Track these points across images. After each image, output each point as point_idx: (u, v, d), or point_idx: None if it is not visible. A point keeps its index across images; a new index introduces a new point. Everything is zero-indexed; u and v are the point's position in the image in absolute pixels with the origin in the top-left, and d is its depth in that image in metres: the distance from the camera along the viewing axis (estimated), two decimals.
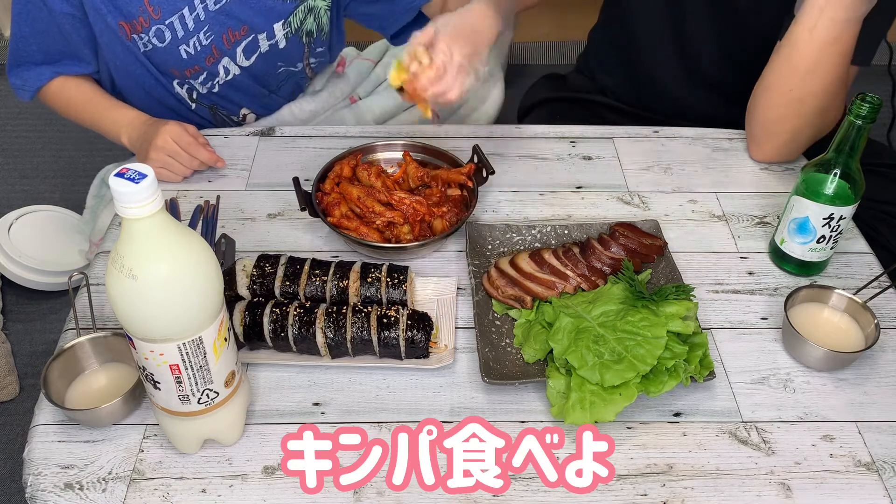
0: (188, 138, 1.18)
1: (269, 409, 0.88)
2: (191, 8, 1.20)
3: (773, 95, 1.16)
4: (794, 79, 1.12)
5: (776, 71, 1.14)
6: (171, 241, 0.68)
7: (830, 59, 1.09)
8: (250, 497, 0.80)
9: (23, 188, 2.33)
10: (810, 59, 1.09)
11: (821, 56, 1.09)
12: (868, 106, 0.91)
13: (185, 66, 1.27)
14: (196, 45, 1.24)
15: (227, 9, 1.22)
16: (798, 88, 1.12)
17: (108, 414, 0.84)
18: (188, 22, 1.21)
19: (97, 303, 0.99)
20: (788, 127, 1.18)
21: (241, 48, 1.28)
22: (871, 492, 0.82)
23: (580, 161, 1.26)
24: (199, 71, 1.29)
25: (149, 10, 1.18)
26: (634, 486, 0.81)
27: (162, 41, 1.22)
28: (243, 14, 1.24)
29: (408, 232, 1.06)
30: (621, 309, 0.91)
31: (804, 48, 1.09)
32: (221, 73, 1.31)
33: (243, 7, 1.23)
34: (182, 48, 1.24)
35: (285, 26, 1.28)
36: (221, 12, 1.22)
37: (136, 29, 1.20)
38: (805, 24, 1.08)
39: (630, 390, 0.84)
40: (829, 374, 0.93)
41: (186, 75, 1.29)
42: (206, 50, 1.26)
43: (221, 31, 1.24)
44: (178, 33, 1.22)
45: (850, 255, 1.09)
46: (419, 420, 0.87)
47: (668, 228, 1.13)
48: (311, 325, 0.90)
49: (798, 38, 1.10)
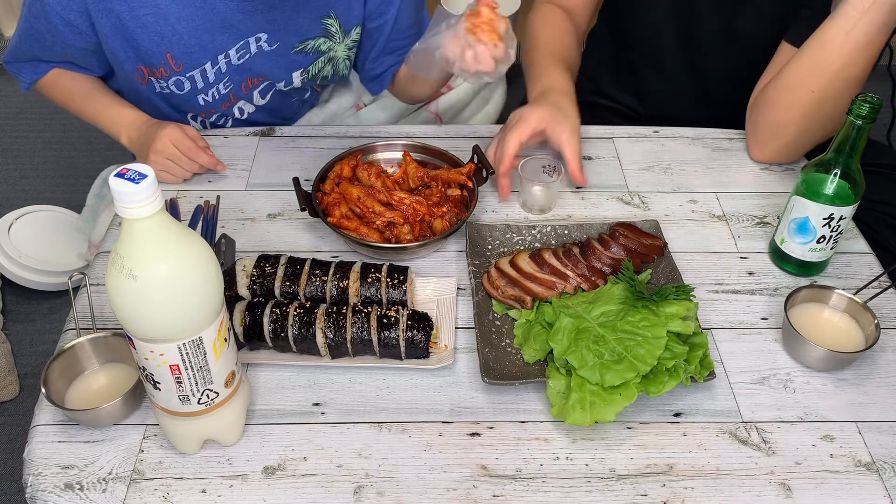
0: (188, 142, 1.17)
1: (269, 410, 0.88)
2: (213, 62, 1.19)
3: (789, 96, 1.14)
4: (820, 80, 1.10)
5: (797, 72, 1.12)
6: (171, 241, 0.68)
7: (860, 63, 1.07)
8: (250, 497, 0.80)
9: (23, 188, 2.34)
10: (841, 60, 1.07)
11: (851, 59, 1.07)
12: (868, 106, 0.91)
13: (200, 109, 1.28)
14: (214, 95, 1.25)
15: (249, 64, 1.22)
16: (819, 90, 1.10)
17: (108, 414, 0.84)
18: (209, 75, 1.21)
19: (97, 303, 0.99)
20: (799, 129, 1.17)
21: (257, 91, 1.29)
22: (871, 492, 0.82)
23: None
24: (214, 113, 1.30)
25: (171, 63, 1.17)
26: (634, 486, 0.81)
27: (181, 90, 1.22)
28: (265, 67, 1.24)
29: (408, 232, 1.06)
30: (621, 309, 0.91)
31: (837, 49, 1.07)
32: (236, 114, 1.32)
33: (266, 61, 1.23)
34: (200, 97, 1.24)
35: (303, 74, 1.28)
36: (243, 66, 1.22)
37: (156, 76, 1.20)
38: (843, 25, 1.06)
39: (630, 390, 0.84)
40: (829, 374, 0.93)
41: (202, 116, 1.31)
42: (224, 97, 1.27)
43: (241, 81, 1.25)
44: (198, 84, 1.22)
45: (850, 255, 1.09)
46: (419, 420, 0.87)
47: (668, 228, 1.13)
48: (311, 326, 0.90)
49: (832, 39, 1.08)
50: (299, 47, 1.23)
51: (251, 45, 1.19)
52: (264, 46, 1.20)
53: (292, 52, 1.23)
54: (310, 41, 1.23)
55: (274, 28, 1.19)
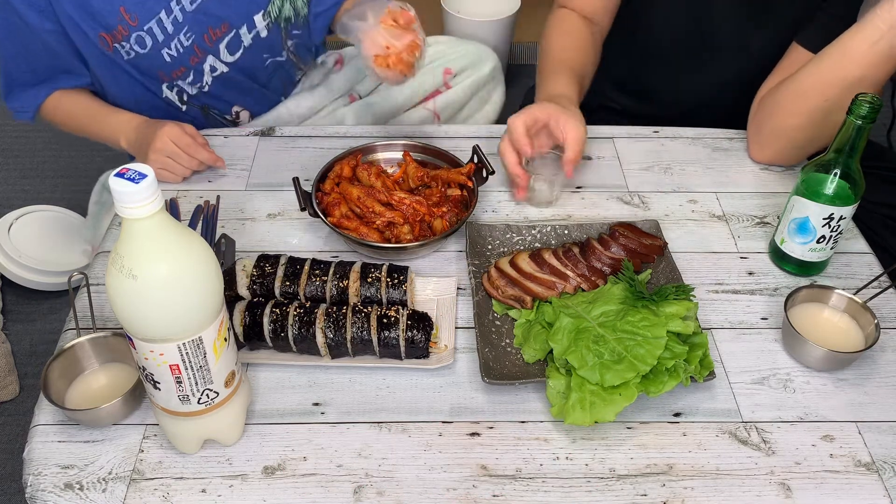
0: (187, 139, 1.18)
1: (269, 409, 0.88)
2: (167, 11, 1.20)
3: (803, 102, 1.13)
4: (836, 89, 1.09)
5: (812, 79, 1.11)
6: (171, 241, 0.68)
7: (880, 76, 1.07)
8: (250, 497, 0.80)
9: (23, 188, 2.34)
10: (861, 72, 1.06)
11: (872, 70, 1.06)
12: (868, 106, 0.91)
13: (170, 68, 1.27)
14: (178, 48, 1.24)
15: (204, 7, 1.22)
16: (835, 99, 1.09)
17: (108, 414, 0.84)
18: (167, 25, 1.21)
19: (97, 303, 0.99)
20: (805, 135, 1.16)
21: (223, 45, 1.28)
22: (871, 492, 0.82)
23: (580, 161, 1.25)
24: (185, 72, 1.29)
25: (126, 18, 1.18)
26: (634, 486, 0.81)
27: (143, 47, 1.22)
28: (221, 11, 1.24)
29: (408, 232, 1.06)
30: (621, 309, 0.91)
31: (859, 60, 1.06)
32: (208, 71, 1.30)
33: (220, 4, 1.23)
34: (164, 51, 1.24)
35: (265, 17, 1.28)
36: (199, 11, 1.22)
37: (117, 38, 1.20)
38: (868, 36, 1.05)
39: (630, 390, 0.84)
40: (829, 374, 0.93)
41: (173, 77, 1.29)
42: (189, 51, 1.26)
43: (202, 31, 1.25)
44: (159, 37, 1.22)
45: (850, 255, 1.09)
46: (419, 420, 0.87)
47: (668, 228, 1.13)
48: (311, 325, 0.90)
49: (854, 50, 1.06)
50: None
51: None
52: None
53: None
54: None
55: None
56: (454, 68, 1.61)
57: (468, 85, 1.62)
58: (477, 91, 1.65)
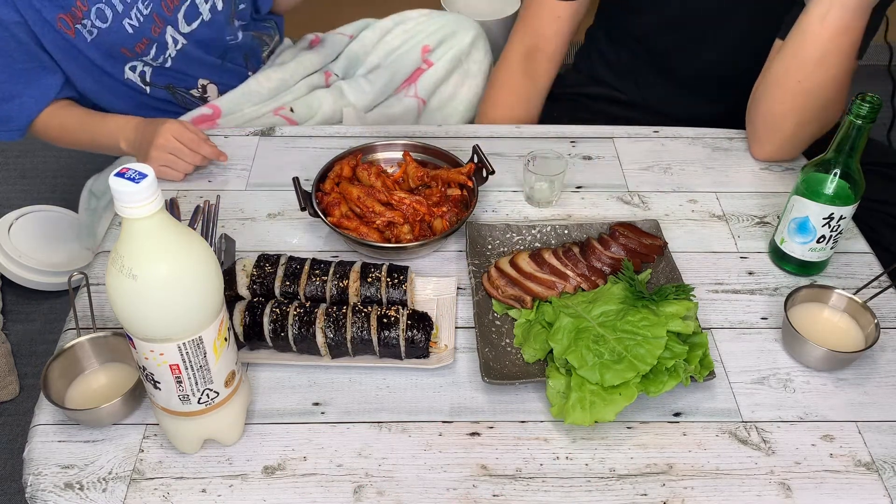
0: (189, 134, 1.18)
1: (269, 409, 0.88)
2: None
3: (779, 89, 1.15)
4: (804, 70, 1.11)
5: (784, 63, 1.14)
6: (171, 241, 0.68)
7: (840, 49, 1.09)
8: (250, 497, 0.80)
9: (23, 188, 2.33)
10: (820, 48, 1.09)
11: (830, 45, 1.08)
12: (868, 106, 0.91)
13: (133, 41, 1.26)
14: (138, 17, 1.24)
15: None
16: (806, 80, 1.12)
17: (109, 414, 0.84)
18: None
19: (97, 303, 0.99)
20: (793, 122, 1.17)
21: (181, 14, 1.28)
22: (871, 492, 0.82)
23: (580, 161, 1.26)
24: (148, 44, 1.28)
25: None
26: (634, 486, 0.81)
27: (104, 21, 1.21)
28: None
29: (408, 232, 1.06)
30: (621, 309, 0.91)
31: (815, 38, 1.09)
32: (170, 43, 1.30)
33: None
34: (125, 22, 1.23)
35: None
36: None
37: (77, 17, 1.19)
38: (816, 12, 1.08)
39: (630, 390, 0.84)
40: (829, 374, 0.93)
41: (137, 52, 1.28)
42: (149, 20, 1.25)
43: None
44: (118, 7, 1.21)
45: (850, 255, 1.09)
46: (419, 420, 0.87)
47: (668, 228, 1.13)
48: (311, 325, 0.90)
49: (809, 28, 1.10)
50: None
51: None
52: None
53: None
54: None
55: None
56: (431, 43, 1.56)
57: (448, 59, 1.56)
58: (459, 64, 1.58)
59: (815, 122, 1.17)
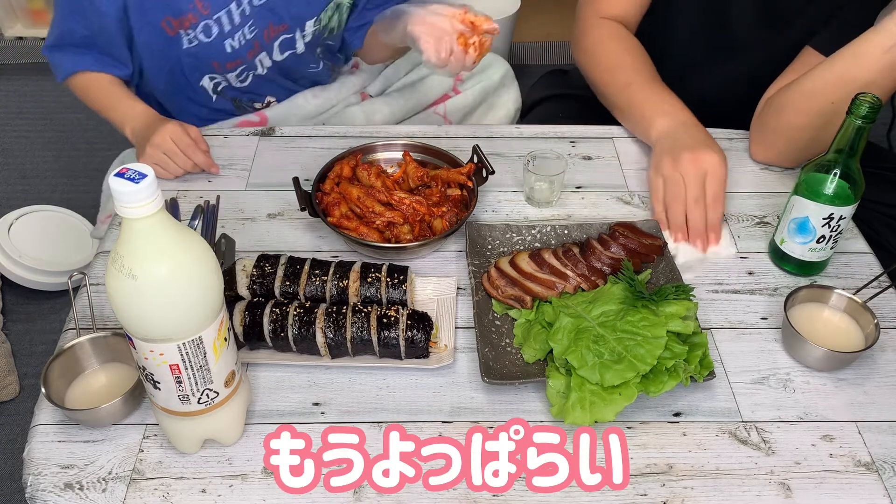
0: (187, 140, 1.18)
1: (269, 409, 0.88)
2: (238, 2, 1.22)
3: (809, 102, 1.13)
4: (843, 92, 1.07)
5: (822, 81, 1.11)
6: (171, 241, 0.68)
7: (888, 82, 1.06)
8: (250, 497, 0.80)
9: (23, 188, 2.34)
10: (871, 76, 1.06)
11: (882, 76, 1.06)
12: (868, 106, 0.91)
13: (227, 59, 1.30)
14: (241, 40, 1.27)
15: (271, 4, 1.25)
16: (841, 102, 1.07)
17: (108, 414, 0.84)
18: (235, 16, 1.23)
19: (97, 303, 0.99)
20: (809, 136, 1.15)
21: (278, 42, 1.31)
22: (871, 492, 0.82)
23: (580, 161, 1.26)
24: (239, 65, 1.32)
25: (198, 5, 1.20)
26: (634, 486, 0.81)
27: (209, 36, 1.24)
28: (284, 10, 1.27)
29: (408, 232, 1.06)
30: (621, 309, 0.91)
31: (870, 65, 1.06)
32: (259, 67, 1.34)
33: (285, 2, 1.26)
34: (227, 42, 1.26)
35: (315, 24, 1.31)
36: (265, 7, 1.25)
37: (184, 25, 1.22)
38: (879, 42, 1.05)
39: (630, 390, 0.84)
40: (829, 374, 0.93)
41: (227, 69, 1.32)
42: (249, 44, 1.29)
43: (264, 26, 1.27)
44: (225, 28, 1.24)
45: (850, 255, 1.09)
46: (419, 420, 0.87)
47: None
48: (311, 325, 0.90)
49: (866, 54, 1.06)
50: None
51: None
52: None
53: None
54: None
55: None
56: (463, 74, 1.62)
57: (477, 91, 1.62)
58: (486, 97, 1.65)
59: (825, 142, 1.15)
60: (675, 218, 1.10)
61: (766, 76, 1.25)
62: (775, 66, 1.25)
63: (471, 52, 1.09)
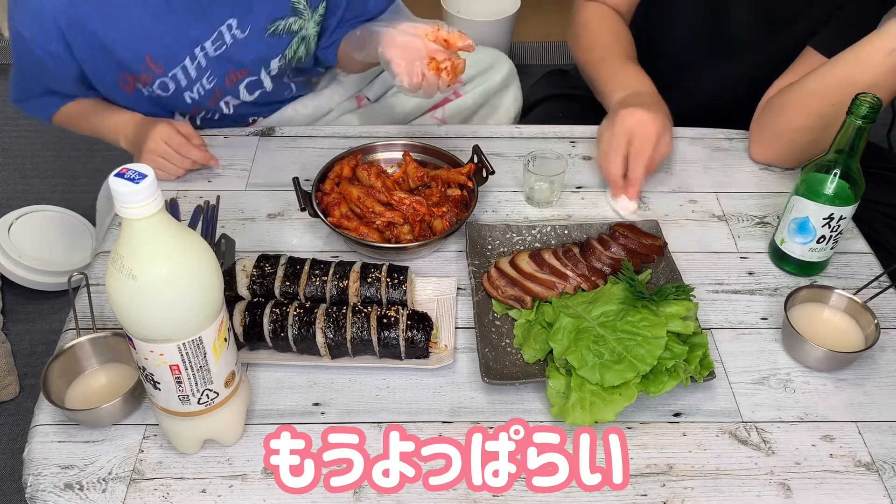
0: (178, 139, 1.18)
1: (269, 410, 0.88)
2: (192, 57, 1.20)
3: (810, 103, 1.13)
4: (844, 94, 1.06)
5: (823, 83, 1.11)
6: (171, 241, 0.68)
7: (891, 85, 1.06)
8: (250, 497, 0.80)
9: (23, 188, 2.33)
10: (872, 79, 1.06)
11: (884, 79, 1.06)
12: (868, 106, 0.91)
13: (189, 108, 1.28)
14: (200, 91, 1.25)
15: (227, 54, 1.22)
16: (842, 104, 1.05)
17: (108, 414, 0.84)
18: (191, 71, 1.21)
19: (97, 303, 0.99)
20: (810, 138, 1.15)
21: (243, 85, 1.29)
22: (871, 492, 0.82)
23: (580, 161, 1.26)
24: (202, 110, 1.31)
25: (151, 65, 1.18)
26: (634, 487, 0.81)
27: (166, 91, 1.22)
28: (242, 56, 1.24)
29: (408, 232, 1.06)
30: (621, 309, 0.91)
31: (872, 68, 1.06)
32: (223, 108, 1.32)
33: (242, 49, 1.22)
34: (186, 94, 1.24)
35: (280, 60, 1.28)
36: (222, 57, 1.22)
37: (141, 81, 1.20)
38: (883, 45, 1.04)
39: (630, 390, 0.84)
40: (829, 374, 0.93)
41: (192, 114, 1.31)
42: (210, 93, 1.27)
43: (223, 74, 1.25)
44: (182, 82, 1.22)
45: (850, 255, 1.09)
46: (419, 420, 0.87)
47: (668, 228, 1.13)
48: (311, 326, 0.90)
49: (867, 57, 1.06)
50: (271, 29, 1.22)
51: (225, 35, 1.19)
52: (237, 34, 1.20)
53: (266, 35, 1.23)
54: (280, 21, 1.22)
55: (242, 12, 1.19)
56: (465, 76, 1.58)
57: (478, 93, 1.60)
58: (487, 100, 1.62)
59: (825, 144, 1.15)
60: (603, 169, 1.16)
61: (765, 77, 1.25)
62: (775, 66, 1.24)
63: (443, 76, 1.05)
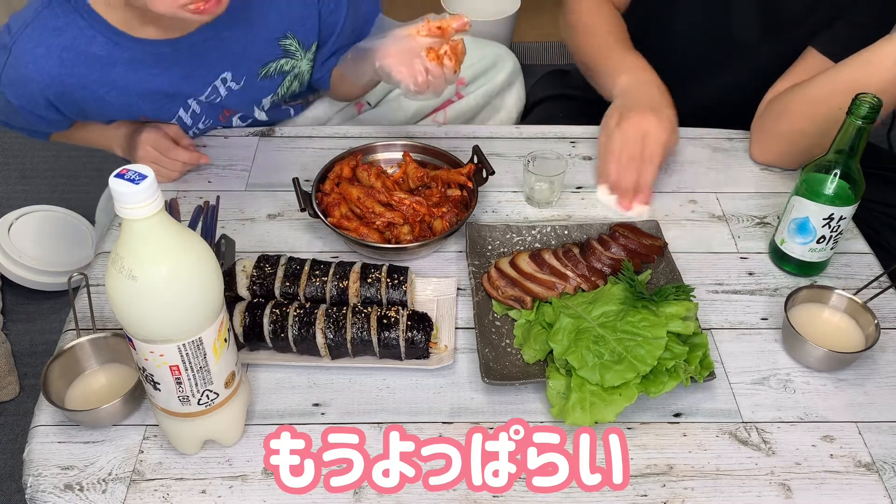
0: (165, 143, 1.18)
1: (270, 410, 0.88)
2: (185, 108, 1.20)
3: (816, 108, 1.12)
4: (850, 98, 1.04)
5: (830, 87, 1.10)
6: (171, 241, 0.68)
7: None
8: (250, 498, 0.80)
9: (23, 188, 2.33)
10: (881, 85, 1.04)
11: (891, 86, 1.05)
12: (868, 106, 0.91)
13: None
14: (195, 132, 1.26)
15: (222, 102, 1.23)
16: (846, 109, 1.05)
17: (108, 415, 0.84)
18: (185, 119, 1.22)
19: (97, 303, 0.98)
20: (812, 140, 1.14)
21: (236, 117, 1.30)
22: (872, 492, 0.82)
23: (580, 161, 1.26)
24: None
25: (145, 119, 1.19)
26: (634, 487, 0.81)
27: None
28: (235, 103, 1.25)
29: (408, 232, 1.06)
30: (621, 309, 0.91)
31: (881, 74, 1.05)
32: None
33: (236, 97, 1.23)
34: None
35: (273, 97, 1.28)
36: (216, 105, 1.23)
37: None
38: (893, 52, 1.04)
39: (630, 391, 0.84)
40: (829, 374, 0.93)
41: None
42: (205, 130, 1.28)
43: (218, 113, 1.26)
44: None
45: (850, 256, 1.09)
46: (419, 420, 0.87)
47: (668, 228, 1.13)
48: (311, 326, 0.90)
49: (877, 63, 1.05)
50: (263, 72, 1.22)
51: (220, 89, 1.20)
52: (233, 86, 1.20)
53: (258, 79, 1.22)
54: (271, 63, 1.22)
55: (234, 63, 1.18)
56: (467, 76, 1.56)
57: (480, 95, 1.57)
58: (489, 101, 1.60)
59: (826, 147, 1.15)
60: (607, 172, 1.16)
61: (768, 80, 1.25)
62: (778, 70, 1.24)
63: (446, 62, 1.02)
